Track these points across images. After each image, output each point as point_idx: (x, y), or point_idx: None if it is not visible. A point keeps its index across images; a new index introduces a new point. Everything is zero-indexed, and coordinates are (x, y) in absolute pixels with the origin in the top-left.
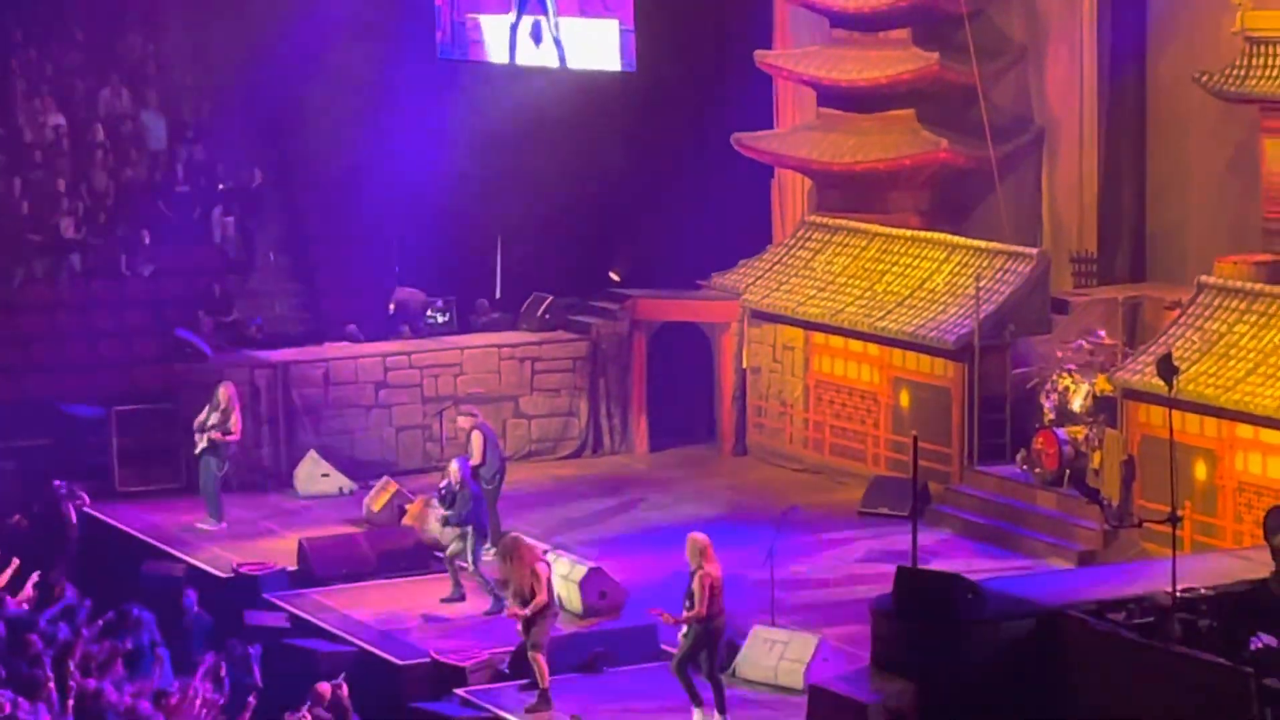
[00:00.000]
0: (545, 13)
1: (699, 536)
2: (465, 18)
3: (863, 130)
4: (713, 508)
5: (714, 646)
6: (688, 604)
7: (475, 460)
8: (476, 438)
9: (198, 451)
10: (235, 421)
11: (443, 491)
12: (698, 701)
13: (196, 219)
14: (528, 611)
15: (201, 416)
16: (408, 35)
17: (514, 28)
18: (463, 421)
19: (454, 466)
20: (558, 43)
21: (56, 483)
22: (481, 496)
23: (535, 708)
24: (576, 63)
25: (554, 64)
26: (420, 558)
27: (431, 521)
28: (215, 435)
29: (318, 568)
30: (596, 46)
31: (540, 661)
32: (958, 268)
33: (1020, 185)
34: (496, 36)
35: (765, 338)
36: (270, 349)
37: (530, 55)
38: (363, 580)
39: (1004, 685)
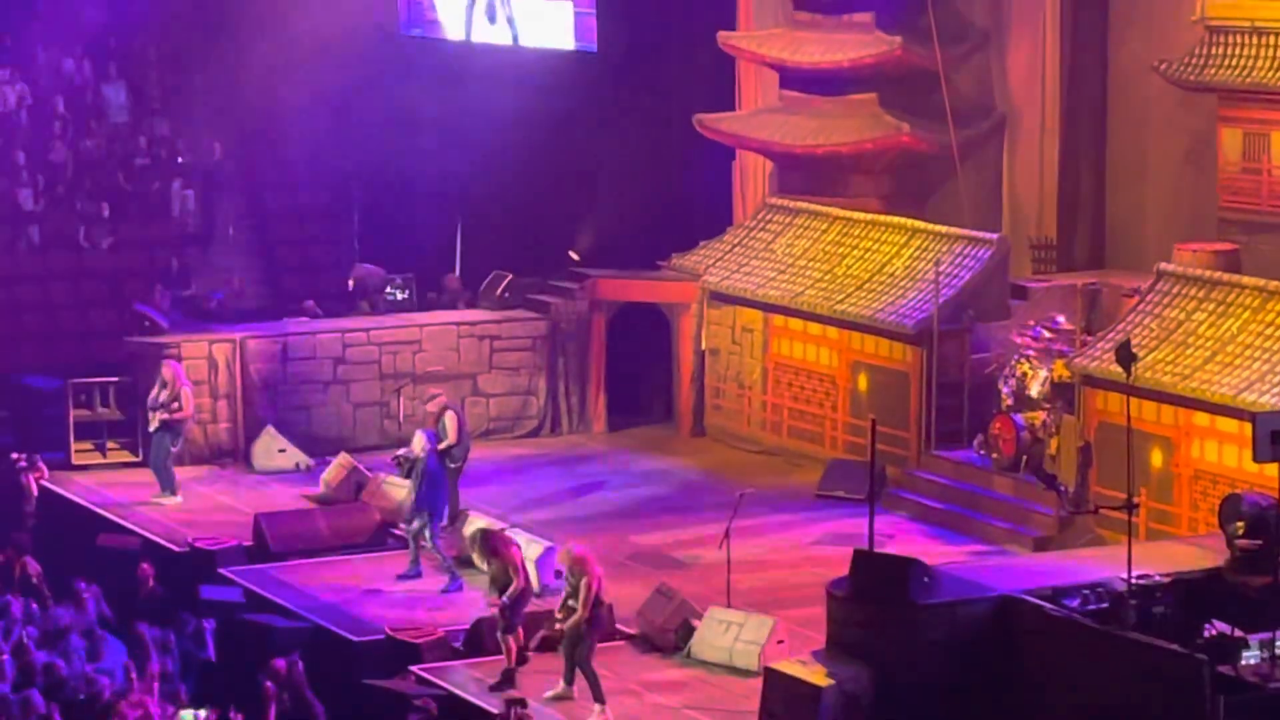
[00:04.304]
0: None
1: (575, 549)
2: None
3: (824, 113)
4: (669, 488)
5: (593, 638)
6: (564, 611)
7: (451, 441)
8: (451, 419)
9: (152, 429)
10: (186, 398)
11: (400, 459)
12: (600, 698)
13: (156, 192)
14: (506, 599)
15: (154, 394)
16: (369, 11)
17: (469, 7)
18: (431, 407)
19: (419, 438)
20: (510, 22)
21: (14, 455)
22: (443, 476)
23: (499, 686)
24: (529, 41)
25: (508, 42)
26: (377, 534)
27: (390, 495)
28: (163, 415)
29: (274, 543)
30: (550, 27)
31: (510, 643)
32: (917, 252)
33: (981, 171)
34: (452, 15)
35: (724, 319)
36: (228, 324)
37: (485, 33)
38: (319, 556)
39: (959, 669)
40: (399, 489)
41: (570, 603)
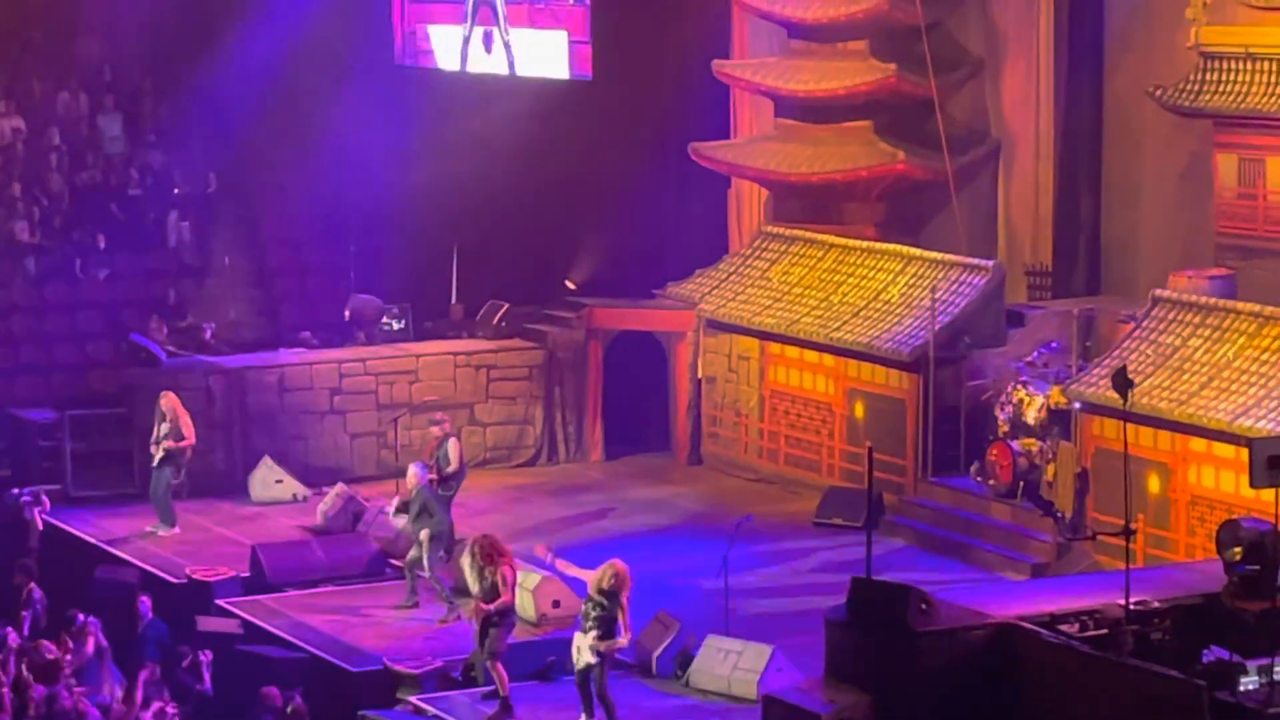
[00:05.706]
0: (496, 23)
1: (620, 565)
2: (415, 28)
3: (820, 141)
4: (667, 517)
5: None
6: (603, 631)
7: (453, 468)
8: (454, 445)
9: (155, 464)
10: (187, 427)
11: (396, 508)
12: (592, 713)
13: (151, 223)
14: (493, 608)
15: (155, 430)
16: (364, 43)
17: (466, 38)
18: (435, 431)
19: (412, 471)
20: (507, 47)
21: (16, 490)
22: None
23: (496, 716)
24: (525, 71)
25: (503, 71)
26: (374, 564)
27: (387, 525)
28: (169, 444)
29: (271, 574)
30: (545, 56)
31: (500, 670)
32: (913, 279)
33: (976, 198)
34: (447, 46)
35: (721, 347)
36: (225, 355)
37: (480, 63)
38: (316, 587)
39: (957, 697)
40: (396, 519)
41: (590, 623)
